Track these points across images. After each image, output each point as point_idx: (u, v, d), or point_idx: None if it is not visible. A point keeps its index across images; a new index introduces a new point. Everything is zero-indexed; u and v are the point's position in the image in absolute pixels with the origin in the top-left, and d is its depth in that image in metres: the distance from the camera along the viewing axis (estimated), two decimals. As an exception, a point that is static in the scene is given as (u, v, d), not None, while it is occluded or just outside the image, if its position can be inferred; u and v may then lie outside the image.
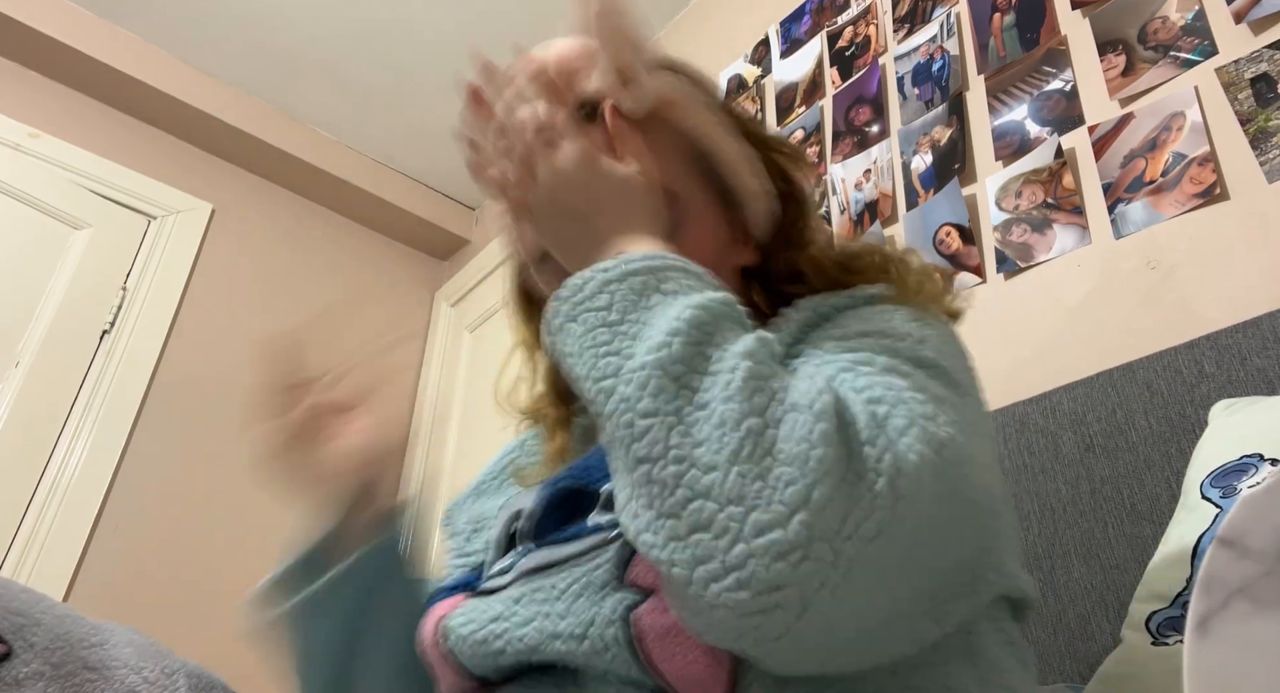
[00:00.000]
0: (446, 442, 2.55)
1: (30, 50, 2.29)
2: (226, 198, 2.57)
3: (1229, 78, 1.09)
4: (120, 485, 2.07)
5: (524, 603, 0.52)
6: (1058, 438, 1.01)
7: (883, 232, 1.47)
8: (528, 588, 0.53)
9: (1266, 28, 1.08)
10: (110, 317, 2.21)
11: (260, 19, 2.39)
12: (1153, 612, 0.69)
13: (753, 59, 1.99)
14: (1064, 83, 1.29)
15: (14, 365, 2.04)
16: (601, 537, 0.53)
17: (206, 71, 2.54)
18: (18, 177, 2.18)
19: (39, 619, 0.56)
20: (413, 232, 2.96)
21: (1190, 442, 0.83)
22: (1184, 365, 0.93)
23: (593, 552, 0.52)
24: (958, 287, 1.30)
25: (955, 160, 1.40)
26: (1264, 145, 1.03)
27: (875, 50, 1.66)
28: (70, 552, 1.94)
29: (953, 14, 1.52)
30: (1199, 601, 0.33)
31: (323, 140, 2.75)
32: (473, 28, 2.40)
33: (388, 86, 2.60)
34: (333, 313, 2.63)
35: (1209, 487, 0.73)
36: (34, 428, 2.02)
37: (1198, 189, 1.08)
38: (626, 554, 0.50)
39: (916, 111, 1.51)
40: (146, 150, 2.47)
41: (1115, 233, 1.15)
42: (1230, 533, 0.33)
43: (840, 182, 1.60)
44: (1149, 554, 0.76)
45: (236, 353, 2.39)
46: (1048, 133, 1.28)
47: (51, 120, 2.30)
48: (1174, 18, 1.18)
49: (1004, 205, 1.30)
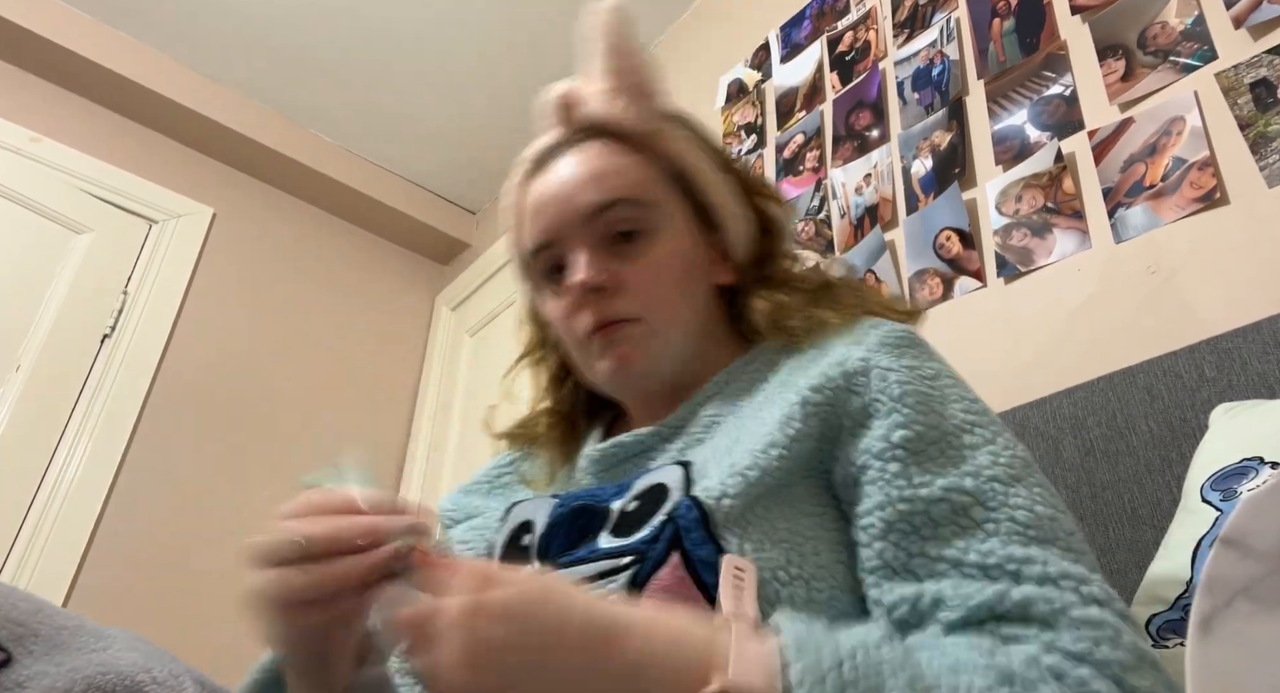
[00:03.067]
0: (446, 446, 2.55)
1: (32, 55, 2.30)
2: (227, 202, 2.57)
3: (1229, 82, 1.09)
4: (120, 489, 2.07)
5: None
6: (1058, 442, 1.01)
7: (883, 235, 1.47)
8: None
9: (1266, 33, 1.08)
10: (111, 321, 2.21)
11: (261, 23, 2.39)
12: (1153, 615, 0.69)
13: (753, 63, 2.00)
14: (1064, 87, 1.29)
15: (15, 369, 2.04)
16: (613, 563, 0.54)
17: (208, 76, 2.55)
18: (19, 181, 2.18)
19: (37, 629, 0.56)
20: (413, 236, 2.96)
21: (1190, 446, 0.83)
22: (1184, 370, 0.93)
23: (604, 577, 0.53)
24: (956, 291, 1.31)
25: (955, 165, 1.40)
26: (1264, 150, 1.04)
27: (875, 55, 1.67)
28: (70, 556, 1.94)
29: (952, 19, 1.52)
30: (1202, 600, 0.33)
31: (323, 144, 2.76)
32: (474, 32, 2.41)
33: (388, 90, 2.60)
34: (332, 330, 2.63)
35: (1209, 490, 0.73)
36: (35, 432, 2.01)
37: (1198, 193, 1.08)
38: (641, 580, 0.51)
39: (916, 116, 1.51)
40: (148, 155, 2.47)
41: (1115, 237, 1.15)
42: (1233, 534, 0.33)
43: (840, 186, 1.60)
44: (1149, 558, 0.76)
45: (237, 357, 2.40)
46: (1048, 137, 1.28)
47: (53, 124, 2.31)
48: (1173, 23, 1.18)
49: (1004, 210, 1.30)
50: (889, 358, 0.61)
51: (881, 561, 0.53)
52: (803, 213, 1.65)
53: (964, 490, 0.53)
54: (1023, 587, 0.48)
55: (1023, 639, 0.46)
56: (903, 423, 0.56)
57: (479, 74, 2.52)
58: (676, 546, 0.53)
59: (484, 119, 2.64)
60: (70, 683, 0.53)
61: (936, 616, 0.49)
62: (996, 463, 0.55)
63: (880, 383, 0.59)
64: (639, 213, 0.71)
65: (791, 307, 0.72)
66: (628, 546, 0.55)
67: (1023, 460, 0.57)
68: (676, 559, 0.53)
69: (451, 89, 2.59)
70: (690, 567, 0.52)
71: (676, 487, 0.58)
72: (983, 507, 0.52)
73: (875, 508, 0.55)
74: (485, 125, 2.66)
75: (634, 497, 0.60)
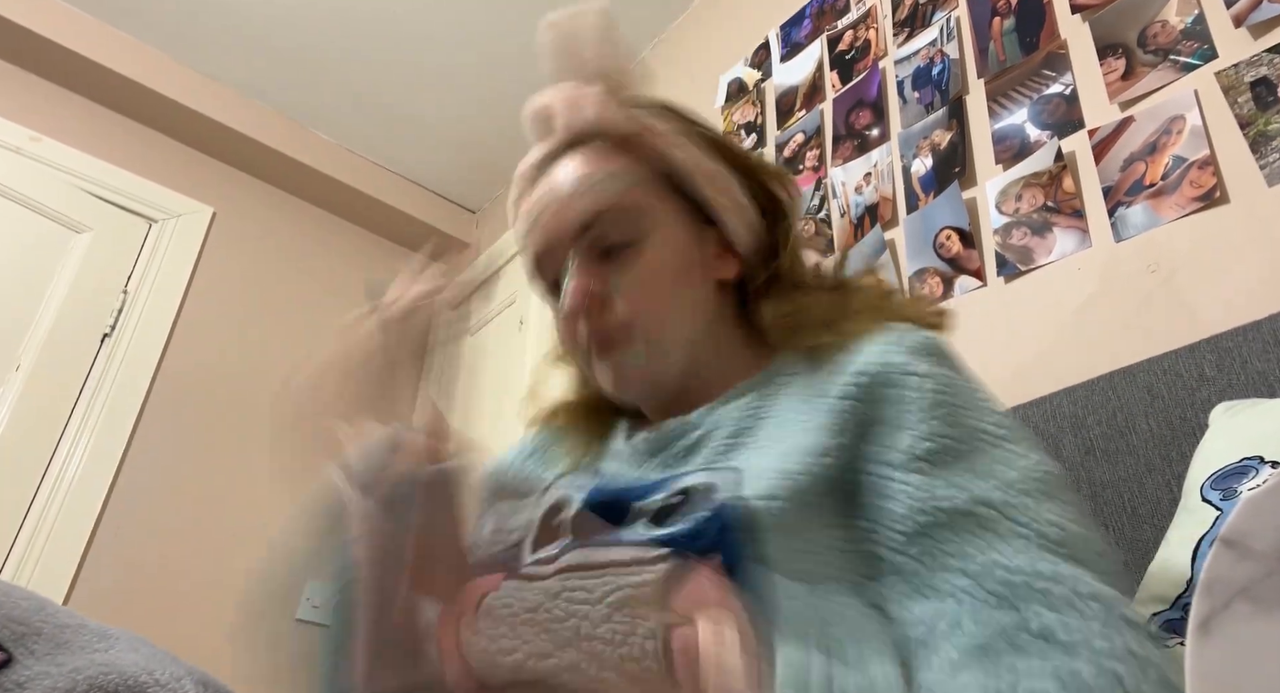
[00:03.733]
0: (447, 445, 2.54)
1: (32, 54, 2.30)
2: (227, 201, 2.57)
3: (1229, 81, 1.09)
4: (121, 488, 2.07)
5: (561, 600, 0.52)
6: (1058, 441, 1.01)
7: (883, 235, 1.47)
8: (565, 586, 0.53)
9: (1266, 31, 1.08)
10: (111, 320, 2.22)
11: (261, 23, 2.39)
12: (1153, 614, 0.69)
13: (753, 62, 2.00)
14: (1064, 86, 1.29)
15: (15, 369, 2.04)
16: (642, 552, 0.53)
17: (207, 75, 2.55)
18: (19, 180, 2.18)
19: (39, 628, 0.56)
20: (414, 235, 2.96)
21: (1191, 445, 0.83)
22: (1184, 369, 0.93)
23: (634, 565, 0.53)
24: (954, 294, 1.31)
25: (955, 164, 1.40)
26: (1264, 149, 1.04)
27: (875, 54, 1.67)
28: (71, 555, 1.94)
29: (953, 18, 1.52)
30: (1201, 601, 0.33)
31: (324, 144, 2.76)
32: (475, 29, 2.41)
33: (388, 90, 2.60)
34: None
35: (1209, 489, 0.73)
36: (35, 431, 2.02)
37: (1198, 192, 1.08)
38: (676, 579, 0.51)
39: (917, 115, 1.51)
40: (148, 154, 2.47)
41: (1115, 236, 1.15)
42: (1232, 534, 0.33)
43: (840, 185, 1.60)
44: (1149, 557, 0.76)
45: (237, 356, 2.40)
46: (1048, 136, 1.28)
47: (53, 124, 2.31)
48: (1174, 21, 1.18)
49: (1004, 209, 1.30)
50: (924, 365, 0.60)
51: (900, 576, 0.52)
52: (803, 213, 1.65)
53: (990, 503, 0.52)
54: (1045, 615, 0.45)
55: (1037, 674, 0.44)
56: (931, 434, 0.55)
57: (479, 74, 2.52)
58: (715, 543, 0.53)
59: (484, 119, 2.64)
60: (72, 684, 0.53)
61: (952, 640, 0.48)
62: (1029, 478, 0.53)
63: (913, 393, 0.58)
64: (624, 222, 0.71)
65: (807, 318, 0.70)
66: (667, 535, 0.55)
67: (1057, 478, 0.55)
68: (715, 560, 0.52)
69: (451, 89, 2.59)
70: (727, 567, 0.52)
71: (723, 486, 0.58)
72: (1010, 521, 0.50)
73: (897, 520, 0.54)
74: (485, 125, 2.66)
75: (676, 491, 0.60)
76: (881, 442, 0.57)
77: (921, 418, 0.57)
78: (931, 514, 0.52)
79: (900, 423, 0.57)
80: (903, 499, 0.54)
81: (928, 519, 0.52)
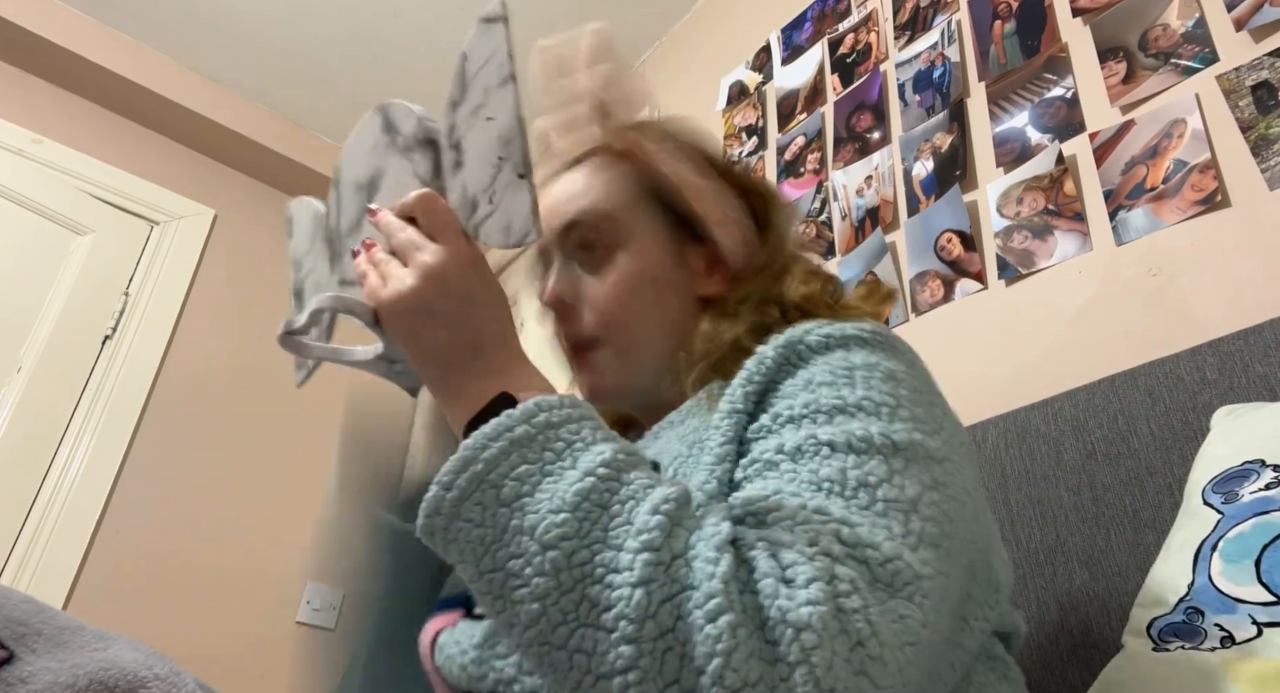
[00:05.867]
0: (447, 447, 2.54)
1: (34, 56, 2.30)
2: (229, 203, 2.57)
3: (1230, 85, 1.09)
4: (122, 490, 2.07)
5: None
6: (1060, 444, 1.00)
7: (884, 238, 1.47)
8: None
9: (1267, 35, 1.08)
10: (112, 322, 2.22)
11: (262, 25, 2.40)
12: (1154, 618, 0.69)
13: (754, 66, 2.00)
14: (1065, 90, 1.29)
15: (16, 370, 2.04)
16: None
17: (209, 77, 2.55)
18: (21, 182, 2.19)
19: (40, 629, 0.56)
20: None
21: (1192, 448, 0.83)
22: (1186, 372, 0.93)
23: None
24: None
25: (956, 167, 1.40)
26: (1265, 153, 1.04)
27: (876, 57, 1.67)
28: (72, 556, 1.94)
29: (953, 21, 1.52)
30: None
31: (324, 146, 2.76)
32: (475, 34, 2.41)
33: (388, 93, 2.60)
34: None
35: (1211, 493, 0.73)
36: (36, 433, 2.02)
37: (1199, 196, 1.08)
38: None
39: (918, 118, 1.51)
40: (149, 156, 2.47)
41: (1116, 240, 1.15)
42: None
43: (841, 188, 1.60)
44: (1151, 560, 0.76)
45: (238, 358, 2.40)
46: (1049, 139, 1.28)
47: (55, 126, 2.31)
48: (1175, 25, 1.18)
49: (1005, 212, 1.30)
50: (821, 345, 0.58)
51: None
52: (804, 215, 1.65)
53: (820, 441, 0.50)
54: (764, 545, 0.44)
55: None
56: (806, 403, 0.54)
57: (480, 76, 2.52)
58: None
59: (485, 121, 2.64)
60: (74, 678, 0.53)
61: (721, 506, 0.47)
62: (882, 434, 0.50)
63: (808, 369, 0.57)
64: (598, 229, 0.73)
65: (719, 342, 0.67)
66: None
67: (921, 448, 0.51)
68: None
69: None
70: None
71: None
72: (836, 453, 0.49)
73: (748, 458, 0.53)
74: (486, 127, 2.66)
75: None
76: (765, 409, 0.56)
77: (815, 388, 0.55)
78: (771, 452, 0.51)
79: (785, 394, 0.56)
80: (759, 445, 0.53)
81: (770, 457, 0.51)
